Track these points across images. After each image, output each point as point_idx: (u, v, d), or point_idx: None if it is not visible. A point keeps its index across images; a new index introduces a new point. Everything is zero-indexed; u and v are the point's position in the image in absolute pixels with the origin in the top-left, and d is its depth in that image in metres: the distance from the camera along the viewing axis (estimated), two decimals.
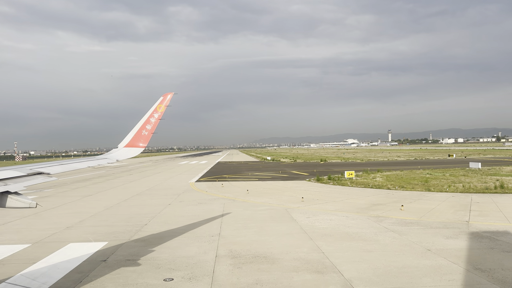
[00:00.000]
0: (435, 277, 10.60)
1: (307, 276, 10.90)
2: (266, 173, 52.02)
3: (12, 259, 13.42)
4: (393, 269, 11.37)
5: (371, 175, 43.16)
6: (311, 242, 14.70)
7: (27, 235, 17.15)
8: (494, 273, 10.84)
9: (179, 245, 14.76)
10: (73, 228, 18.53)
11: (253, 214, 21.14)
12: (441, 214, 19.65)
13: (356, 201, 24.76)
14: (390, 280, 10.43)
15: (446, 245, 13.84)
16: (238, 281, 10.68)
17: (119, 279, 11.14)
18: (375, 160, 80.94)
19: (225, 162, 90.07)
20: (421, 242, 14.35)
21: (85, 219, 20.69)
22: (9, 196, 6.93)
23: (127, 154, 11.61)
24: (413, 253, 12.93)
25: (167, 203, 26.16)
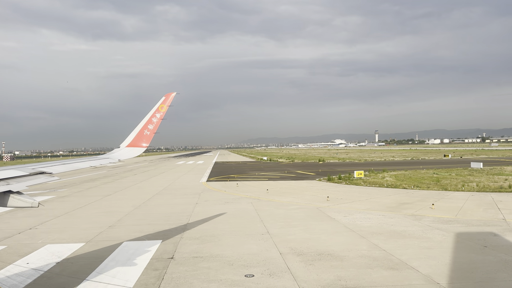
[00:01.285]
0: (509, 271, 11.02)
1: (384, 273, 11.21)
2: (272, 173, 52.30)
3: (77, 257, 13.44)
4: (463, 265, 11.76)
5: (379, 175, 43.77)
6: (365, 240, 15.03)
7: (75, 234, 17.12)
8: None
9: (235, 243, 14.95)
10: (116, 227, 18.54)
11: (287, 212, 21.40)
12: (473, 213, 20.19)
13: (381, 200, 25.22)
14: (468, 276, 10.80)
15: (497, 242, 14.30)
16: (319, 277, 10.93)
17: (199, 275, 11.30)
18: (373, 160, 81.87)
19: (223, 162, 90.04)
20: (471, 239, 14.79)
21: (122, 218, 20.68)
22: (11, 195, 6.96)
23: (129, 154, 11.71)
24: (471, 250, 13.36)
25: (193, 202, 26.25)
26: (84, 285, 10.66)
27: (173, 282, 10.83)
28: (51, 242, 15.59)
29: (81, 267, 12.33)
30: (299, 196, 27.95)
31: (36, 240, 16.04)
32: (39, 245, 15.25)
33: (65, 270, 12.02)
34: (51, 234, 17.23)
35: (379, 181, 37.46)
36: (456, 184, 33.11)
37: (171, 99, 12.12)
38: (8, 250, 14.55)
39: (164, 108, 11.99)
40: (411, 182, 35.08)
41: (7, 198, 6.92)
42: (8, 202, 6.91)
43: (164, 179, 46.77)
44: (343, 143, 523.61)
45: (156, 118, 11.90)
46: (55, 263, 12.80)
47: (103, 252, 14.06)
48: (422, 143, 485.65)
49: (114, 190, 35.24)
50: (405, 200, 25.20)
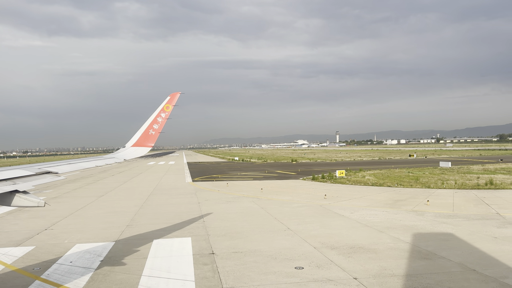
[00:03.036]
0: None
1: (420, 262, 12.25)
2: (254, 173, 53.02)
3: (118, 255, 13.61)
4: (485, 253, 13.01)
5: (358, 174, 45.52)
6: (384, 234, 16.09)
7: (97, 233, 17.14)
8: None
9: (264, 239, 15.59)
10: (133, 226, 18.66)
11: (294, 210, 22.20)
12: (467, 208, 21.83)
13: (375, 198, 26.57)
14: (494, 263, 12.03)
15: (505, 233, 15.77)
16: (365, 268, 11.80)
17: (251, 268, 11.87)
18: (343, 160, 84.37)
19: (195, 163, 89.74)
20: (480, 231, 16.21)
21: (134, 218, 20.75)
22: (18, 195, 7.00)
23: (135, 153, 11.87)
24: (485, 240, 14.70)
25: (194, 201, 26.53)
26: (145, 281, 10.96)
27: (231, 274, 11.36)
28: (79, 242, 15.59)
29: (128, 264, 12.56)
30: (295, 195, 28.87)
31: (61, 240, 15.96)
32: (67, 245, 15.22)
33: (115, 267, 12.23)
34: (72, 234, 17.14)
35: (361, 180, 39.08)
36: (436, 182, 35.20)
37: (176, 98, 12.20)
38: (39, 250, 14.46)
39: (169, 108, 12.04)
40: (393, 181, 36.89)
41: (14, 198, 6.99)
42: (15, 201, 6.97)
43: (146, 179, 46.38)
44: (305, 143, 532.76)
45: (162, 118, 11.97)
46: (99, 261, 12.94)
47: (139, 249, 14.29)
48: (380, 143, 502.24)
49: (103, 191, 34.74)
50: (397, 197, 26.67)
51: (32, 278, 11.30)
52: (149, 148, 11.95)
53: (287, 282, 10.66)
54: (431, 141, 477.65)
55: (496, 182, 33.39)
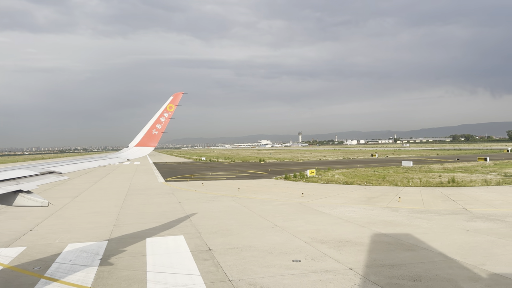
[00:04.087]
0: (501, 248, 13.65)
1: (406, 253, 13.28)
2: (225, 173, 53.44)
3: (116, 254, 13.80)
4: (463, 244, 14.24)
5: (328, 173, 47.01)
6: (367, 229, 17.12)
7: (86, 233, 17.14)
8: None
9: (255, 235, 16.21)
10: (121, 226, 18.76)
11: (276, 208, 22.94)
12: (436, 204, 23.38)
13: (349, 195, 27.80)
14: (472, 252, 13.24)
15: (474, 226, 17.18)
16: (357, 259, 12.68)
17: (252, 262, 12.45)
18: (309, 160, 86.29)
19: (162, 163, 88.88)
20: (452, 225, 17.57)
21: (119, 218, 20.80)
22: (22, 195, 7.00)
23: (138, 153, 12.08)
24: (458, 233, 16.02)
25: (174, 201, 26.73)
26: (152, 276, 11.30)
27: (234, 268, 11.90)
28: (71, 242, 15.58)
29: (129, 261, 12.81)
30: (273, 193, 29.65)
31: (51, 241, 15.88)
32: (60, 244, 15.19)
33: (117, 265, 12.45)
34: (60, 234, 17.04)
35: (332, 178, 40.48)
36: (402, 180, 37.09)
37: (179, 98, 12.35)
38: (33, 250, 14.38)
39: (172, 108, 12.16)
40: (362, 179, 38.51)
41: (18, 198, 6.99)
42: (19, 201, 6.96)
43: (117, 180, 45.76)
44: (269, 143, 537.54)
45: (165, 118, 12.12)
46: (99, 259, 13.10)
47: (135, 248, 14.52)
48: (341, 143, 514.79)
49: (75, 192, 34.11)
50: (369, 195, 28.03)
51: (36, 277, 11.36)
52: (152, 148, 12.12)
53: (289, 274, 11.34)
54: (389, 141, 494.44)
55: (457, 180, 35.62)
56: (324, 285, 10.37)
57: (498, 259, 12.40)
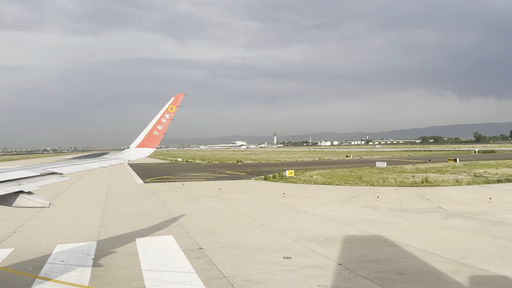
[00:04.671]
0: (477, 243, 14.52)
1: (389, 249, 13.96)
2: (204, 174, 53.51)
3: (108, 253, 13.89)
4: (441, 240, 15.05)
5: (306, 174, 47.84)
6: (350, 227, 17.78)
7: (73, 234, 17.09)
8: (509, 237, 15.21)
9: (243, 234, 16.59)
10: (107, 226, 18.77)
11: (260, 208, 23.38)
12: (413, 203, 24.37)
13: (329, 195, 28.55)
14: (451, 247, 14.04)
15: (450, 223, 18.12)
16: (344, 255, 13.25)
17: (244, 260, 12.82)
18: (285, 161, 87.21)
19: (138, 164, 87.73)
20: (430, 222, 18.45)
21: (104, 219, 20.78)
22: (23, 195, 7.04)
23: (139, 154, 12.22)
24: (436, 230, 16.87)
25: (157, 202, 26.76)
26: (148, 274, 11.51)
27: (227, 266, 12.24)
28: (59, 243, 15.54)
29: (123, 261, 12.96)
30: (255, 194, 30.08)
31: (39, 242, 15.78)
32: (48, 245, 15.14)
33: (111, 264, 12.57)
34: (46, 235, 16.93)
35: (311, 179, 41.28)
36: (377, 180, 38.26)
37: (180, 99, 12.44)
38: (21, 252, 14.28)
39: (173, 109, 12.25)
40: (339, 180, 39.46)
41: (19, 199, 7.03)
42: (20, 202, 7.00)
43: (94, 181, 45.15)
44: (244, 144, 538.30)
45: (166, 119, 12.22)
46: (91, 259, 13.18)
47: (126, 248, 14.64)
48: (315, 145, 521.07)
49: (53, 193, 33.52)
50: (348, 194, 28.86)
51: (31, 277, 11.37)
52: (153, 149, 12.23)
53: (281, 270, 11.78)
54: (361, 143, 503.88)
55: (430, 180, 37.03)
56: (316, 280, 10.86)
57: (475, 253, 13.22)
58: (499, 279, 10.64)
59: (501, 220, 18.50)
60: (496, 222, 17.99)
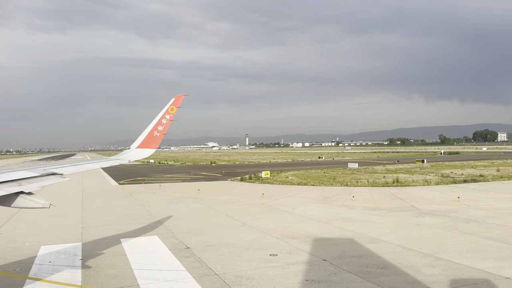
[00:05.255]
0: (449, 239, 15.45)
1: (369, 245, 14.67)
2: (179, 175, 53.36)
3: (97, 255, 13.95)
4: (416, 236, 15.92)
5: (281, 175, 48.51)
6: (330, 225, 18.46)
7: (56, 236, 17.00)
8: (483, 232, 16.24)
9: (227, 233, 16.96)
10: (90, 228, 18.72)
11: (240, 208, 23.78)
12: (385, 202, 25.39)
13: (306, 195, 29.28)
14: (426, 243, 14.89)
15: (423, 221, 19.09)
16: (328, 252, 13.85)
17: (232, 257, 13.19)
18: (259, 162, 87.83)
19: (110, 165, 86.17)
20: (404, 220, 19.38)
21: (84, 221, 20.68)
22: (23, 196, 7.05)
23: (139, 155, 12.30)
24: (411, 227, 17.78)
25: (137, 203, 26.70)
26: (140, 273, 11.71)
27: (217, 263, 12.59)
28: (43, 244, 15.45)
29: (112, 261, 13.08)
30: (234, 195, 30.45)
31: (21, 244, 15.63)
32: (32, 247, 15.04)
33: (100, 264, 12.68)
34: (28, 237, 16.75)
35: (286, 180, 42.01)
36: (351, 180, 39.39)
37: (181, 100, 12.49)
38: (5, 254, 14.15)
39: (174, 110, 12.32)
40: (314, 180, 40.35)
41: (19, 199, 7.03)
42: (20, 202, 7.01)
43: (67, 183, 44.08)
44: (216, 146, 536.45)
45: (166, 120, 12.28)
46: (79, 260, 13.23)
47: (112, 248, 14.74)
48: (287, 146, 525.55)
49: None
50: (325, 194, 29.67)
51: (20, 278, 11.36)
52: (154, 150, 12.23)
53: (270, 266, 12.24)
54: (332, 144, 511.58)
55: (401, 180, 38.45)
56: (304, 275, 11.39)
57: (449, 248, 14.11)
58: (471, 270, 11.49)
59: (469, 217, 19.64)
60: (465, 220, 19.10)
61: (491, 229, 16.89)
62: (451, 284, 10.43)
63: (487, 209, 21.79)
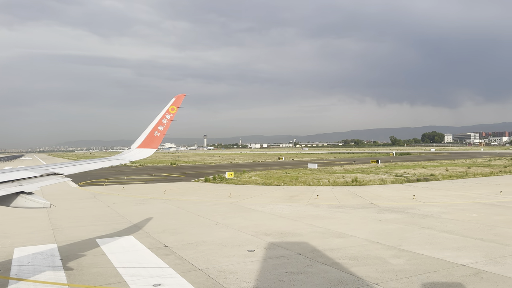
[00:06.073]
0: (409, 233, 16.79)
1: (338, 240, 15.70)
2: (140, 176, 52.77)
3: (76, 256, 14.00)
4: (380, 231, 17.15)
5: (245, 175, 49.25)
6: (300, 222, 19.39)
7: (28, 238, 16.79)
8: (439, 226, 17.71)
9: (203, 232, 17.45)
10: (61, 229, 18.56)
11: (210, 208, 24.25)
12: (347, 200, 26.76)
13: (273, 195, 30.19)
14: (389, 236, 16.12)
15: (384, 217, 20.47)
16: (300, 247, 14.69)
17: (212, 254, 13.74)
18: (221, 163, 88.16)
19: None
20: (367, 217, 20.68)
21: (54, 223, 20.39)
22: (24, 196, 7.12)
23: (140, 155, 12.50)
24: (374, 223, 19.06)
25: (103, 205, 26.48)
26: (124, 271, 11.99)
27: (198, 260, 13.09)
28: (16, 246, 15.26)
29: (92, 260, 13.24)
30: (201, 195, 30.83)
31: None
32: (4, 249, 14.87)
33: (81, 264, 12.81)
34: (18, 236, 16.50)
35: (250, 180, 42.81)
36: (312, 180, 40.83)
37: (181, 100, 12.56)
38: None
39: (174, 110, 12.45)
40: (278, 180, 41.43)
41: (20, 199, 7.10)
42: (20, 202, 7.08)
43: None
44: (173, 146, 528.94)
45: (166, 120, 12.42)
46: (59, 260, 13.27)
47: (90, 248, 14.84)
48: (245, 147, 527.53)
49: None
50: (290, 194, 30.72)
51: (2, 279, 11.33)
52: (154, 150, 12.32)
53: (249, 261, 12.91)
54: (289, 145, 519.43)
55: (359, 179, 40.34)
56: (283, 268, 12.16)
57: (410, 241, 15.40)
58: (431, 260, 12.73)
59: (425, 213, 21.26)
60: (422, 215, 20.67)
61: (446, 223, 18.47)
62: (416, 272, 11.57)
63: (440, 206, 23.63)
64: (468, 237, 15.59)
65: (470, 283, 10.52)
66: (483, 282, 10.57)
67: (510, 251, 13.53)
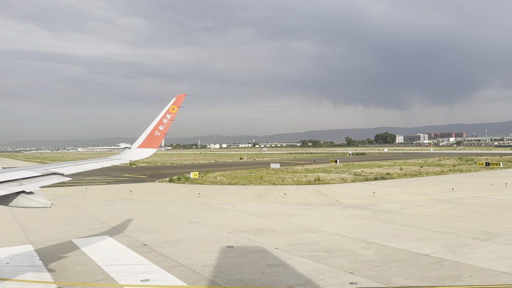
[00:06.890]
0: (374, 227, 18.02)
1: (311, 235, 16.61)
2: (100, 177, 51.70)
3: (55, 256, 13.98)
4: (347, 226, 18.26)
5: (210, 175, 49.57)
6: (272, 219, 20.18)
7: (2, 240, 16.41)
8: (400, 221, 19.07)
9: (179, 230, 17.83)
10: (33, 231, 18.27)
11: (181, 208, 24.56)
12: (313, 198, 27.91)
13: (241, 194, 30.85)
14: (357, 231, 17.24)
15: (350, 213, 21.69)
16: (277, 241, 15.47)
17: (193, 250, 14.19)
18: (182, 164, 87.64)
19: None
20: (334, 213, 21.81)
21: (24, 224, 19.98)
22: (24, 195, 7.12)
23: (140, 154, 12.45)
24: (341, 218, 20.19)
25: (70, 206, 26.07)
26: (109, 268, 12.23)
27: (181, 256, 13.53)
28: None
29: (74, 259, 13.33)
30: (168, 195, 30.95)
31: None
32: None
33: (63, 263, 12.89)
34: None
35: (215, 180, 43.25)
36: (277, 179, 41.89)
37: (182, 100, 12.55)
38: None
39: (175, 110, 12.44)
40: (243, 180, 42.15)
41: (20, 199, 7.09)
42: (21, 202, 7.08)
43: None
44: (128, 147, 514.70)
45: (167, 119, 12.38)
46: (39, 260, 13.25)
47: (68, 248, 14.86)
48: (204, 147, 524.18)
49: None
50: (257, 193, 31.50)
51: None
52: (154, 150, 12.34)
53: (230, 256, 13.51)
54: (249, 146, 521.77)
55: (321, 178, 41.84)
56: (263, 261, 12.86)
57: (376, 234, 16.58)
58: (397, 251, 13.90)
59: (386, 209, 22.72)
60: (384, 211, 22.09)
61: (406, 218, 19.90)
62: (385, 261, 12.65)
63: (399, 202, 25.25)
64: (428, 230, 16.99)
65: (433, 270, 11.70)
66: (444, 269, 11.78)
67: (465, 241, 14.98)
